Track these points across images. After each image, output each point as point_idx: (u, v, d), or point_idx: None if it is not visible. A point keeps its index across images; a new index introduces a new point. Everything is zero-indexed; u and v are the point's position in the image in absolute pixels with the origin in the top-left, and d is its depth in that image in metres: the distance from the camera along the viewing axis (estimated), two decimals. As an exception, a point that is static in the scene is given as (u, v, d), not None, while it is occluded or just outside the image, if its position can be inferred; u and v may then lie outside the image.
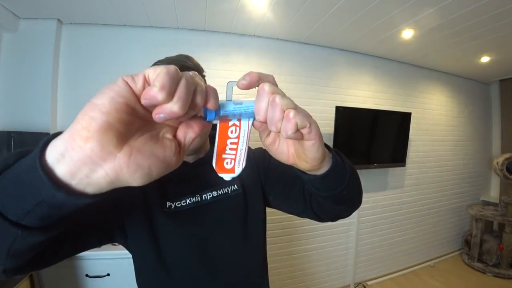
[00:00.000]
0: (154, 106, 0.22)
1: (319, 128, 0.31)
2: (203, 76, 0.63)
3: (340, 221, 0.58)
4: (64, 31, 1.66)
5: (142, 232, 0.53)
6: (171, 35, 1.82)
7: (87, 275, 1.42)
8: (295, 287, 2.22)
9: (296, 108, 0.28)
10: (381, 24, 1.73)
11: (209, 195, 0.58)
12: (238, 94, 0.32)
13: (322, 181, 0.39)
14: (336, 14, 1.61)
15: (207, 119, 0.28)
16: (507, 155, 2.70)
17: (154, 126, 0.25)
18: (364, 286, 2.43)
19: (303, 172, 0.39)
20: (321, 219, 0.58)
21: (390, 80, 2.50)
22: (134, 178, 0.23)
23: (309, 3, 1.49)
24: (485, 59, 2.34)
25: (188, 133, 0.27)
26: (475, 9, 1.47)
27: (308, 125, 0.29)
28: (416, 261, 2.78)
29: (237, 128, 0.31)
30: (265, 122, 0.29)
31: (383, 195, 2.53)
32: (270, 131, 0.34)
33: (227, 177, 0.32)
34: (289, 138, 0.29)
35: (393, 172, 2.55)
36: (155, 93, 0.21)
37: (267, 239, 0.68)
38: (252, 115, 0.30)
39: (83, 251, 0.49)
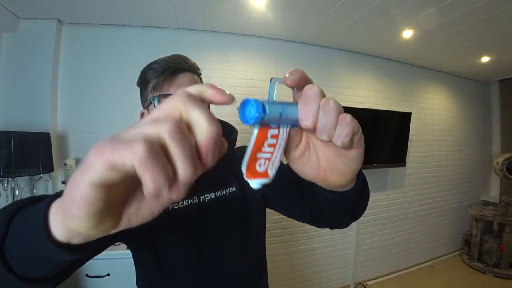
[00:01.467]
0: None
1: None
2: (199, 75, 0.62)
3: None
4: (64, 31, 1.66)
5: (140, 234, 0.53)
6: (171, 35, 1.82)
7: (87, 275, 1.42)
8: (295, 287, 2.22)
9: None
10: (381, 24, 1.73)
11: (207, 197, 0.58)
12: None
13: (350, 195, 0.35)
14: (336, 14, 1.61)
15: (248, 123, 0.23)
16: (507, 155, 2.70)
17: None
18: (364, 286, 2.43)
19: (326, 190, 0.35)
20: (319, 225, 0.57)
21: (390, 80, 2.50)
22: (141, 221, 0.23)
23: (309, 3, 1.49)
24: (485, 59, 2.34)
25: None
26: (475, 9, 1.47)
27: (360, 131, 0.26)
28: (416, 261, 2.78)
29: (276, 133, 0.26)
30: (312, 129, 0.25)
31: (383, 195, 2.53)
32: (299, 142, 0.29)
33: (256, 183, 0.25)
34: (343, 146, 0.25)
35: (393, 172, 2.55)
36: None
37: (267, 239, 0.68)
38: (294, 121, 0.25)
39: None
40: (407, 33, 1.85)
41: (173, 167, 0.17)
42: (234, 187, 0.61)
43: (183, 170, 0.17)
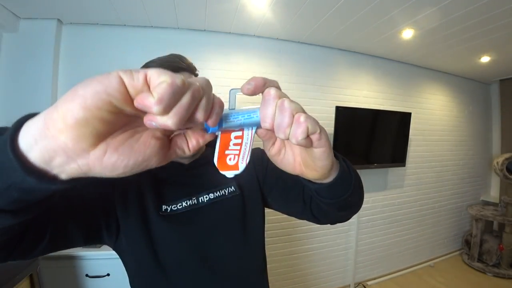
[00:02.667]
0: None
1: (327, 135, 0.30)
2: (196, 75, 0.62)
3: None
4: (64, 31, 1.66)
5: (138, 236, 0.52)
6: (171, 35, 1.82)
7: (87, 275, 1.42)
8: (295, 287, 2.22)
9: (305, 112, 0.28)
10: (381, 24, 1.73)
11: (206, 197, 0.58)
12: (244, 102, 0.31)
13: (329, 189, 0.38)
14: (336, 14, 1.61)
15: (209, 132, 0.27)
16: (507, 155, 2.70)
17: (141, 123, 0.24)
18: (364, 286, 2.43)
19: (309, 181, 0.38)
20: (320, 222, 0.57)
21: (390, 80, 2.50)
22: (108, 173, 0.22)
23: (309, 3, 1.49)
24: (485, 59, 2.34)
25: (184, 146, 0.26)
26: (475, 9, 1.47)
27: (318, 131, 0.28)
28: (416, 261, 2.78)
29: (240, 134, 0.30)
30: (271, 130, 0.28)
31: (383, 195, 2.53)
32: (275, 140, 0.32)
33: (229, 174, 0.29)
34: (299, 144, 0.27)
35: (393, 172, 2.55)
36: (150, 103, 0.19)
37: (267, 239, 0.67)
38: (256, 124, 0.28)
39: (66, 248, 0.46)
40: (407, 33, 1.85)
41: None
42: (233, 187, 0.61)
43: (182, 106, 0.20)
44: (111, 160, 0.21)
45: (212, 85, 0.24)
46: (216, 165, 0.29)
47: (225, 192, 0.60)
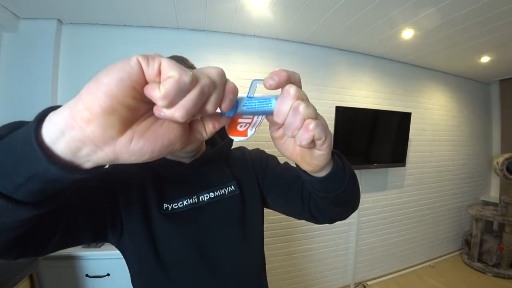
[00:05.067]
0: None
1: (332, 139, 0.32)
2: None
3: (340, 221, 0.58)
4: (64, 31, 1.66)
5: (140, 234, 0.53)
6: (171, 35, 1.82)
7: (87, 275, 1.42)
8: (295, 287, 2.22)
9: (317, 118, 0.28)
10: (381, 24, 1.73)
11: (206, 196, 0.58)
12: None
13: (321, 183, 0.39)
14: (336, 14, 1.61)
15: (224, 116, 0.28)
16: (507, 155, 2.70)
17: None
18: (364, 286, 2.43)
19: (304, 172, 0.39)
20: (318, 221, 0.58)
21: (390, 80, 2.50)
22: (134, 159, 0.23)
23: (309, 3, 1.49)
24: (485, 59, 2.34)
25: (202, 130, 0.27)
26: (475, 9, 1.47)
27: (323, 138, 0.29)
28: (416, 261, 2.79)
29: (251, 117, 0.31)
30: (282, 125, 0.29)
31: (383, 195, 2.53)
32: (280, 126, 0.34)
33: (237, 139, 0.31)
34: (301, 147, 0.29)
35: (393, 172, 2.55)
36: (156, 97, 0.20)
37: (267, 239, 0.68)
38: (268, 113, 0.29)
39: (74, 245, 0.47)
40: (407, 33, 1.85)
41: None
42: (233, 187, 0.61)
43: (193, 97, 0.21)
44: (138, 146, 0.22)
45: (225, 73, 0.25)
46: (227, 130, 0.31)
47: (225, 191, 0.60)
